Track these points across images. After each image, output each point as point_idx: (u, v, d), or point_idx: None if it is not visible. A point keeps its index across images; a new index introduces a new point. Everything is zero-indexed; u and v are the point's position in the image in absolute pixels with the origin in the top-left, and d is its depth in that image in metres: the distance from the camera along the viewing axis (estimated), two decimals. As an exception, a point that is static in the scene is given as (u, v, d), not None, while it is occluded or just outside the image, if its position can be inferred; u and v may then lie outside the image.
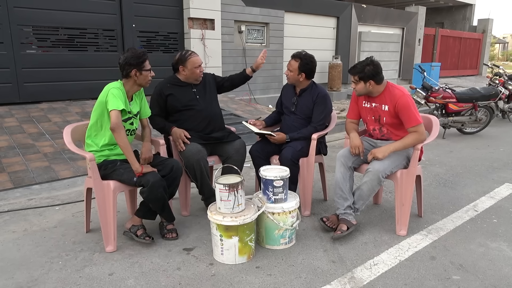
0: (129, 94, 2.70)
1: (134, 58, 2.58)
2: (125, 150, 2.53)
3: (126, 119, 2.66)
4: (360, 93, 2.89)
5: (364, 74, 2.78)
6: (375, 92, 2.87)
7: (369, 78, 2.79)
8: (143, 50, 2.69)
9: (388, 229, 2.94)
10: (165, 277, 2.30)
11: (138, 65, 2.60)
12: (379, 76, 2.80)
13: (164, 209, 2.69)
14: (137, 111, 2.80)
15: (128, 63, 2.58)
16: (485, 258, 2.52)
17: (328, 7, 9.80)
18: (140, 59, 2.60)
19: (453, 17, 16.33)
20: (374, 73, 2.78)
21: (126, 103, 2.63)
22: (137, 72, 2.61)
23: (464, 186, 3.90)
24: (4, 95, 5.97)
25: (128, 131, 2.72)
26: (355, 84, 2.87)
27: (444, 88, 6.08)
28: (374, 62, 2.80)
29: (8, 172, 4.00)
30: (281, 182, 2.57)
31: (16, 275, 2.32)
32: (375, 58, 2.86)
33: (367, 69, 2.77)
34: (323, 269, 2.38)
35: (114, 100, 2.51)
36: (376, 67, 2.79)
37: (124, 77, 2.65)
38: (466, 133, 6.37)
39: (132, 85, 2.67)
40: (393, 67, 11.90)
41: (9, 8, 5.82)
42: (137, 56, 2.59)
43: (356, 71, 2.82)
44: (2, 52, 5.89)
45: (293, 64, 3.17)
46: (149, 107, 2.98)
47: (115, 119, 2.48)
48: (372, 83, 2.80)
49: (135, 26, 7.05)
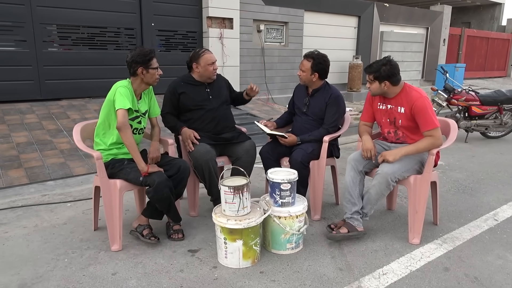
0: (137, 92, 2.69)
1: (141, 56, 2.57)
2: (131, 150, 2.52)
3: (133, 117, 2.65)
4: (375, 93, 2.79)
5: (379, 74, 2.68)
6: (391, 93, 2.76)
7: (385, 79, 2.68)
8: (151, 49, 2.67)
9: (401, 237, 2.83)
10: (167, 278, 2.27)
11: (145, 63, 2.59)
12: (395, 77, 2.70)
13: (170, 209, 2.67)
14: (146, 110, 2.78)
15: (134, 61, 2.57)
16: (502, 271, 2.39)
17: (349, 6, 9.63)
18: (147, 57, 2.58)
19: (480, 16, 15.82)
20: (390, 73, 2.67)
21: (134, 102, 2.63)
22: (143, 70, 2.60)
23: (485, 193, 3.73)
24: (26, 92, 6.12)
25: (136, 130, 2.71)
26: (370, 83, 2.77)
27: (467, 90, 5.87)
28: (392, 62, 2.69)
29: (25, 167, 4.08)
30: (289, 185, 2.51)
31: (23, 271, 2.34)
32: (393, 58, 2.75)
33: (383, 69, 2.67)
34: (329, 277, 2.30)
35: (121, 99, 2.50)
36: (393, 68, 2.68)
37: (131, 75, 2.65)
38: (490, 137, 6.13)
39: (139, 83, 2.66)
40: (416, 67, 11.60)
41: (32, 7, 5.96)
42: (144, 54, 2.58)
43: (371, 70, 2.72)
44: (25, 50, 6.03)
45: (305, 64, 3.10)
46: (158, 106, 2.96)
47: (122, 118, 2.48)
48: (387, 84, 2.70)
49: (154, 24, 7.10)
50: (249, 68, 8.12)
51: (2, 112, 5.53)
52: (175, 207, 2.71)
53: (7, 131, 4.91)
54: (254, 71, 8.23)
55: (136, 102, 2.66)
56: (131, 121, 2.62)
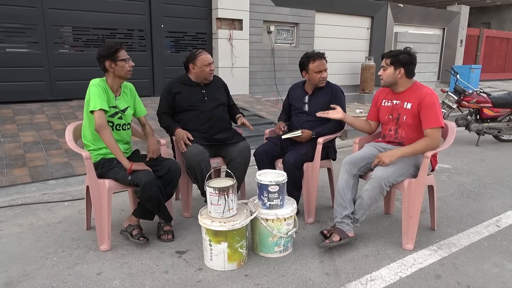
0: (114, 88, 2.69)
1: (106, 50, 2.58)
2: (112, 149, 2.53)
3: (113, 114, 2.66)
4: (386, 81, 2.74)
5: (397, 59, 2.66)
6: (401, 86, 2.73)
7: (401, 65, 2.66)
8: (118, 42, 2.68)
9: (395, 242, 2.75)
10: (151, 280, 2.26)
11: (110, 55, 2.58)
12: (411, 67, 2.69)
13: (160, 209, 2.67)
14: (126, 107, 2.76)
15: (101, 56, 2.59)
16: (497, 280, 2.29)
17: (362, 7, 9.50)
18: (112, 49, 2.58)
19: (501, 17, 15.38)
20: (408, 62, 2.66)
21: (110, 99, 2.63)
22: (111, 63, 2.60)
23: (490, 198, 3.60)
24: (38, 92, 6.25)
25: (119, 125, 2.72)
26: (384, 69, 2.73)
27: (479, 92, 5.69)
28: (411, 53, 2.71)
29: (29, 166, 4.16)
30: (277, 188, 2.47)
31: (11, 269, 2.37)
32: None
33: (402, 56, 2.67)
34: (314, 282, 2.25)
35: (93, 100, 2.52)
36: (412, 58, 2.69)
37: (103, 71, 2.66)
38: (503, 141, 5.93)
39: (113, 78, 2.66)
40: (431, 69, 11.36)
41: (44, 9, 6.09)
42: (109, 47, 2.58)
43: (390, 54, 2.71)
44: (36, 51, 6.16)
45: (326, 64, 3.10)
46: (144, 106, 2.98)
47: (98, 120, 2.50)
48: (401, 72, 2.67)
49: (164, 26, 7.16)
50: (258, 69, 8.10)
51: (13, 112, 5.66)
52: (165, 207, 2.70)
53: (16, 130, 5.02)
54: (264, 72, 8.20)
55: (113, 99, 2.66)
56: (111, 118, 2.63)
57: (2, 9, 5.76)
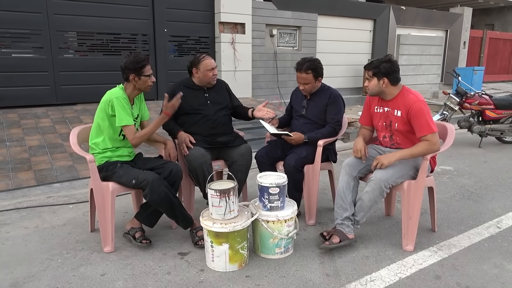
0: (130, 98, 2.75)
1: (133, 63, 2.62)
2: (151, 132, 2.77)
3: None
4: (372, 91, 2.75)
5: (378, 70, 2.66)
6: (388, 94, 2.72)
7: (384, 75, 2.66)
8: (145, 56, 2.72)
9: (395, 243, 2.77)
10: (153, 281, 2.30)
11: (137, 70, 2.63)
12: (394, 75, 2.67)
13: (175, 211, 2.64)
14: (138, 114, 2.84)
15: (127, 68, 2.63)
16: (497, 281, 2.31)
17: (364, 10, 9.53)
18: (139, 65, 2.63)
19: (504, 18, 15.34)
20: (390, 70, 2.65)
21: (130, 110, 2.70)
22: (135, 77, 2.65)
23: (491, 200, 3.61)
24: (43, 97, 6.33)
25: None
26: (369, 81, 2.74)
27: (481, 93, 5.70)
28: (392, 60, 2.69)
29: (34, 170, 4.22)
30: (277, 190, 2.50)
31: (16, 270, 2.42)
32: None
33: (383, 66, 2.65)
34: (314, 282, 2.28)
35: (124, 114, 2.60)
36: (393, 65, 2.67)
37: (125, 80, 2.70)
38: (506, 142, 5.92)
39: (132, 89, 2.72)
40: (435, 71, 11.35)
41: (49, 15, 6.17)
42: (136, 61, 2.62)
43: (371, 66, 2.71)
44: (42, 56, 6.24)
45: (307, 77, 3.08)
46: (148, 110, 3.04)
47: (130, 135, 2.65)
48: (385, 82, 2.67)
49: (167, 30, 7.22)
50: (261, 73, 8.14)
51: (19, 116, 5.74)
52: (180, 209, 2.68)
53: (22, 134, 5.09)
54: (267, 76, 8.24)
55: (129, 108, 2.72)
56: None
57: (8, 15, 5.85)
